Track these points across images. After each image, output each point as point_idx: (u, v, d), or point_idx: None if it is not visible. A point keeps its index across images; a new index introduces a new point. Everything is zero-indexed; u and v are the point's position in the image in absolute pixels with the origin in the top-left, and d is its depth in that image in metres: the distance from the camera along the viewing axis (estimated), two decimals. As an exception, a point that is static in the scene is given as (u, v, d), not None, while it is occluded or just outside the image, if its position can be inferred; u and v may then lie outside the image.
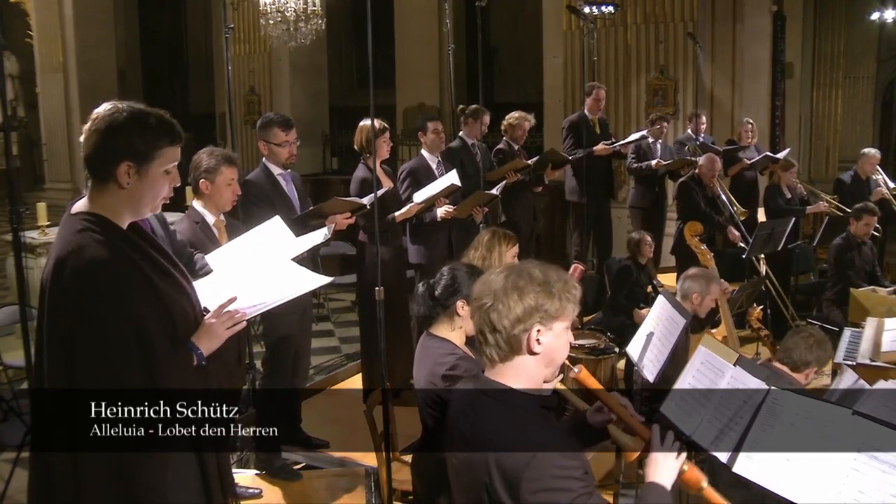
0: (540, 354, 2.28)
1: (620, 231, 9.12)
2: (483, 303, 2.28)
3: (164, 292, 2.49)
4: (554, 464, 2.13)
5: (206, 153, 4.45)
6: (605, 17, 10.14)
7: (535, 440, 2.17)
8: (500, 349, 2.28)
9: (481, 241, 4.47)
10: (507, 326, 2.25)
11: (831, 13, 13.77)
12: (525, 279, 2.26)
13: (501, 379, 2.31)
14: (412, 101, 13.28)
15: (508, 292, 2.24)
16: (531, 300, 2.24)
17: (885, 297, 6.83)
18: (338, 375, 6.98)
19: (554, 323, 2.27)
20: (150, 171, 2.48)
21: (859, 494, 2.73)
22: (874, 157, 8.95)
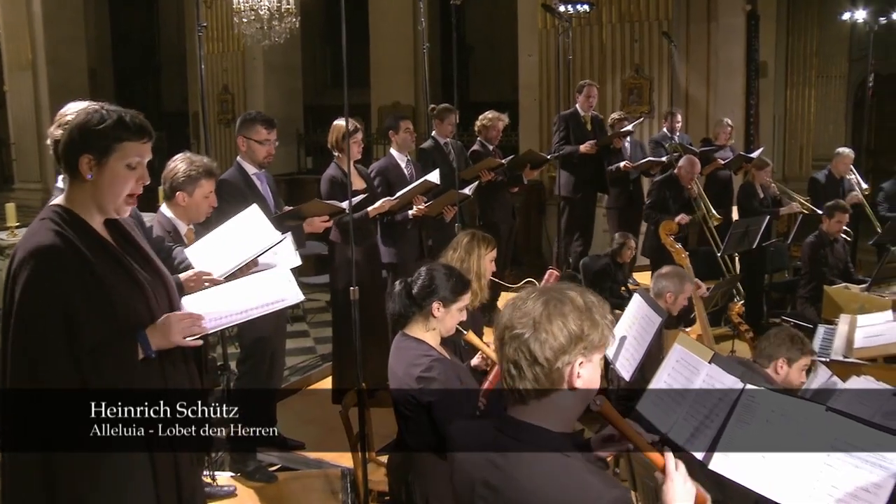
0: (579, 389, 2.01)
1: (596, 231, 9.11)
2: (519, 332, 1.99)
3: (110, 286, 2.50)
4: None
5: (183, 162, 4.27)
6: (581, 15, 10.12)
7: (589, 490, 1.94)
8: (539, 384, 1.99)
9: (460, 243, 4.43)
10: (550, 358, 1.97)
11: (804, 13, 13.87)
12: (568, 304, 2.01)
13: (533, 419, 2.04)
14: (387, 100, 13.21)
15: (552, 318, 1.98)
16: (576, 327, 1.98)
17: (858, 294, 6.87)
18: (312, 376, 6.92)
19: (595, 354, 2.03)
20: (110, 163, 2.53)
21: (833, 489, 2.75)
22: (848, 157, 8.99)
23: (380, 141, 10.00)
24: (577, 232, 8.54)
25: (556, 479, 1.96)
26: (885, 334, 5.42)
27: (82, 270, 2.46)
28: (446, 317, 3.50)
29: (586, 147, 8.16)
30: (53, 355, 2.40)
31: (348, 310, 4.50)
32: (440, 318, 3.48)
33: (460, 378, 3.44)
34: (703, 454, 3.13)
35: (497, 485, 2.04)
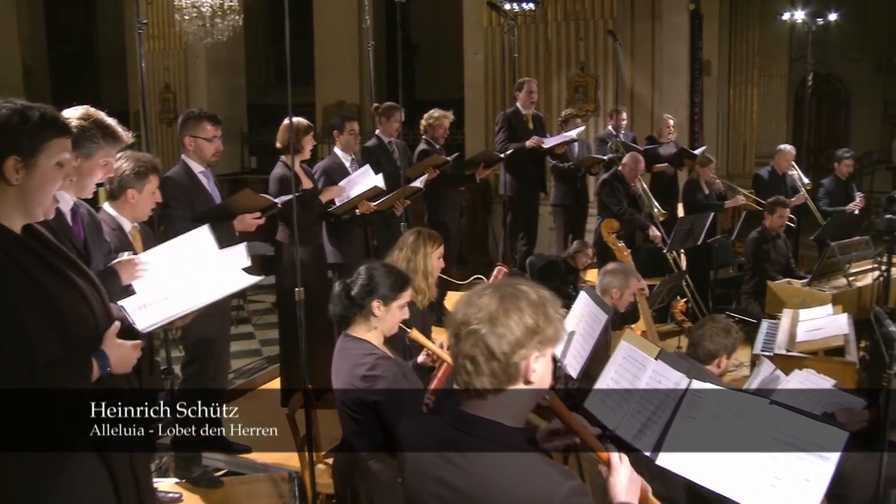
0: (534, 384, 2.01)
1: (542, 228, 9.12)
2: (476, 328, 1.98)
3: (53, 293, 2.39)
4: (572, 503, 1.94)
5: (129, 160, 4.17)
6: (526, 13, 10.16)
7: (547, 482, 1.95)
8: (496, 379, 1.98)
9: (406, 242, 4.41)
10: (507, 352, 1.96)
11: (745, 12, 14.07)
12: (522, 299, 2.00)
13: (487, 414, 2.03)
14: (332, 99, 13.12)
15: (509, 313, 1.97)
16: (531, 321, 1.98)
17: (800, 288, 6.96)
18: (258, 378, 6.83)
19: (548, 349, 2.03)
20: (39, 163, 2.39)
21: (776, 481, 2.81)
22: (790, 154, 9.14)
23: (324, 140, 9.90)
24: (522, 231, 8.55)
25: (516, 473, 1.95)
26: (825, 328, 5.50)
27: (23, 282, 2.33)
28: (387, 315, 3.48)
29: (532, 142, 8.16)
30: (9, 366, 2.28)
31: (295, 311, 4.44)
32: (381, 316, 3.46)
33: (406, 375, 3.42)
34: (651, 450, 3.16)
35: (455, 482, 2.02)
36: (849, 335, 5.39)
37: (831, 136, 17.01)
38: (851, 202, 9.01)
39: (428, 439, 2.13)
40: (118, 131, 3.20)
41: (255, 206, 5.13)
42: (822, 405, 4.03)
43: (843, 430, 2.84)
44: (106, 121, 3.16)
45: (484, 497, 1.97)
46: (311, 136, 5.91)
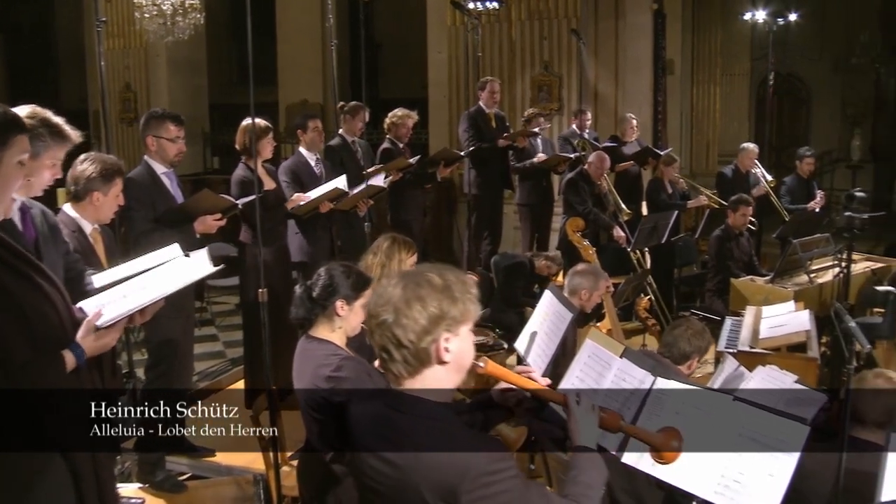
0: (450, 363, 2.14)
1: (507, 227, 9.12)
2: (384, 319, 2.10)
3: (19, 295, 2.36)
4: (489, 471, 2.03)
5: (94, 162, 4.15)
6: (490, 12, 10.15)
7: (465, 451, 2.05)
8: (409, 364, 2.11)
9: (380, 248, 4.40)
10: (413, 340, 2.09)
11: (707, 12, 14.19)
12: (425, 286, 2.11)
13: (414, 392, 2.16)
14: (295, 98, 13.04)
15: (410, 303, 2.09)
16: (435, 308, 2.09)
17: (763, 285, 7.02)
18: (222, 381, 6.77)
19: (460, 327, 2.13)
20: (4, 161, 2.38)
21: (740, 475, 2.84)
22: (753, 152, 9.23)
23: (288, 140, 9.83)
24: (486, 231, 8.54)
25: (436, 444, 2.06)
26: (788, 324, 5.55)
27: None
28: (350, 315, 3.46)
29: (503, 142, 8.17)
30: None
31: (258, 311, 4.40)
32: (345, 316, 3.45)
33: (370, 375, 3.38)
34: (617, 447, 3.12)
35: (384, 454, 2.13)
36: (810, 331, 5.44)
37: (792, 134, 17.20)
38: (813, 200, 9.12)
39: (366, 417, 2.24)
40: (66, 130, 3.13)
41: (215, 207, 5.07)
42: (785, 401, 4.07)
43: (805, 425, 2.87)
44: (53, 120, 3.09)
45: (410, 467, 2.07)
46: (270, 137, 5.84)
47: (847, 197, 5.92)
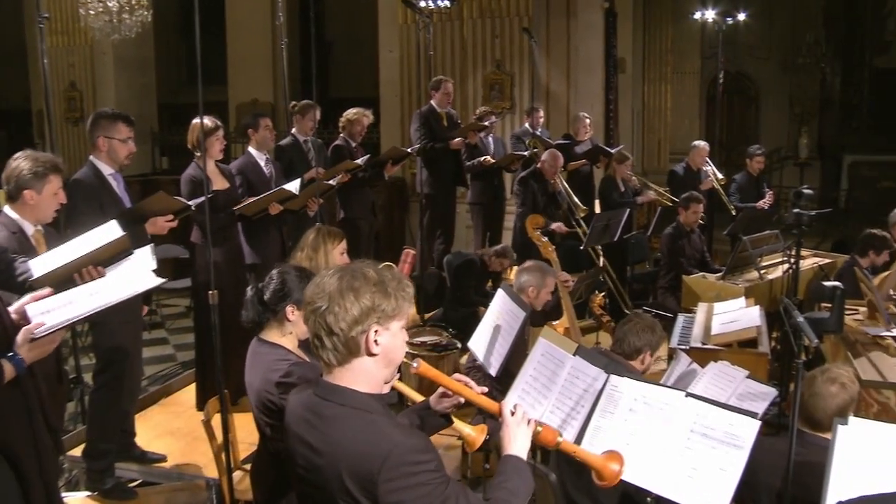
0: (379, 355, 2.22)
1: (460, 226, 9.11)
2: (318, 306, 2.19)
3: None
4: (408, 461, 2.09)
5: (26, 160, 4.04)
6: (442, 11, 10.13)
7: (386, 440, 2.11)
8: (338, 352, 2.20)
9: (306, 242, 4.40)
10: (344, 329, 2.17)
11: (658, 11, 14.30)
12: (360, 279, 2.19)
13: (343, 382, 2.24)
14: (245, 97, 12.89)
15: (344, 293, 2.17)
16: (367, 300, 2.17)
17: (714, 282, 7.08)
18: (173, 385, 6.66)
19: (391, 323, 2.22)
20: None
21: (692, 471, 2.88)
22: (703, 150, 9.33)
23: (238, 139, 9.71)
24: (439, 230, 8.54)
25: (361, 432, 2.14)
26: (739, 320, 5.59)
27: None
28: (301, 319, 3.39)
29: (456, 143, 8.16)
30: None
31: (210, 313, 4.33)
32: (295, 321, 3.39)
33: None
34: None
35: (311, 441, 2.22)
36: (761, 327, 5.50)
37: (742, 132, 17.44)
38: (762, 198, 9.23)
39: (298, 406, 2.32)
40: None
41: (167, 208, 4.99)
42: (736, 396, 4.10)
43: (756, 419, 2.91)
44: None
45: (332, 453, 2.16)
46: (220, 136, 5.77)
47: (795, 194, 5.96)
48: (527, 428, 2.38)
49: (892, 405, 4.63)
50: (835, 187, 16.35)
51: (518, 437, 2.35)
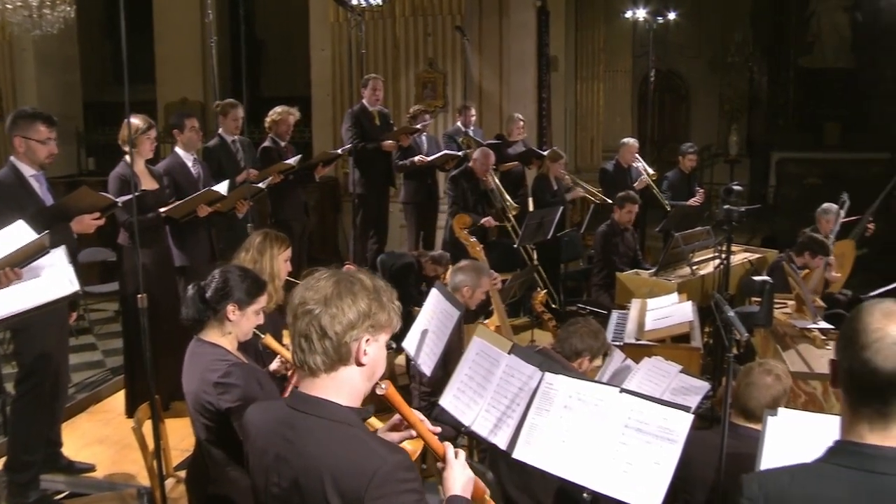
0: (366, 366, 2.16)
1: (393, 226, 9.06)
2: (311, 308, 2.11)
3: None
4: (395, 478, 2.02)
5: None
6: (373, 9, 10.05)
7: (373, 456, 2.04)
8: (328, 357, 2.11)
9: (252, 244, 4.35)
10: (339, 332, 2.10)
11: (590, 10, 14.42)
12: (357, 284, 2.14)
13: (322, 394, 2.15)
14: (174, 97, 12.61)
15: (342, 296, 2.11)
16: (364, 306, 2.12)
17: (647, 278, 7.15)
18: (101, 392, 6.54)
19: (380, 334, 2.18)
20: None
21: (628, 466, 2.91)
22: (633, 147, 9.42)
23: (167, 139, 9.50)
24: (372, 230, 8.49)
25: (343, 447, 2.06)
26: (672, 316, 5.66)
27: None
28: (242, 320, 3.41)
29: (389, 145, 8.11)
30: None
31: (139, 317, 4.23)
32: (236, 321, 3.38)
33: (260, 382, 3.33)
34: (507, 444, 3.18)
35: (289, 457, 2.13)
36: (693, 322, 5.57)
37: (673, 130, 17.71)
38: (693, 195, 9.35)
39: (269, 421, 2.23)
40: None
41: (93, 205, 4.86)
42: (670, 390, 4.14)
43: (688, 413, 2.94)
44: None
45: (311, 469, 2.07)
46: (152, 136, 5.68)
47: (725, 191, 6.05)
48: (470, 473, 2.32)
49: (818, 395, 4.73)
50: (763, 184, 16.68)
51: (461, 479, 2.28)
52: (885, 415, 1.76)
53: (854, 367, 1.76)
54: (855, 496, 1.75)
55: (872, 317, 1.76)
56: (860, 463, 1.76)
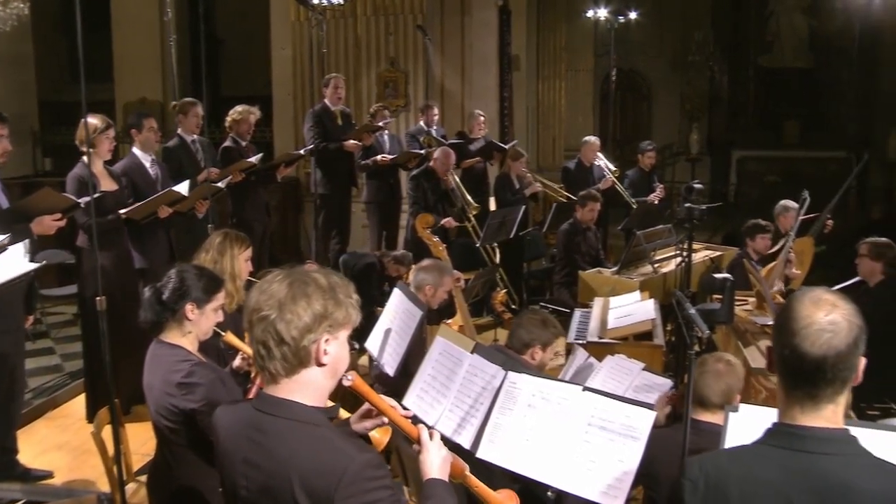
0: (327, 366, 2.13)
1: (356, 226, 9.03)
2: (267, 314, 2.08)
3: None
4: (364, 476, 2.01)
5: None
6: (335, 8, 9.99)
7: (341, 456, 2.03)
8: (288, 362, 2.09)
9: (212, 244, 4.32)
10: (296, 337, 2.07)
11: (552, 9, 14.46)
12: (311, 285, 2.11)
13: (287, 395, 2.13)
14: (133, 96, 12.42)
15: (296, 299, 2.08)
16: (320, 307, 2.09)
17: (609, 277, 7.18)
18: (60, 397, 6.47)
19: (340, 332, 2.15)
20: None
21: (591, 464, 2.94)
22: (594, 145, 9.46)
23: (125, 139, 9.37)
24: (334, 230, 8.46)
25: (311, 448, 2.05)
26: (634, 314, 5.68)
27: None
28: (201, 319, 3.39)
29: (351, 145, 8.06)
30: None
31: (98, 320, 4.17)
32: (195, 320, 3.36)
33: (223, 381, 3.32)
34: (471, 443, 3.20)
35: (256, 460, 2.11)
36: (656, 319, 5.60)
37: (635, 128, 17.79)
38: (654, 192, 9.40)
39: (236, 423, 2.21)
40: None
41: (54, 206, 4.80)
42: (633, 388, 4.15)
43: (651, 410, 2.99)
44: None
45: (280, 472, 2.05)
46: (110, 136, 5.60)
47: (686, 189, 6.10)
48: (446, 453, 2.33)
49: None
50: (724, 182, 16.85)
51: (438, 461, 2.29)
52: (815, 397, 1.88)
53: (785, 352, 1.89)
54: (786, 475, 1.86)
55: (802, 304, 1.89)
56: (791, 443, 1.89)
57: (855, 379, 1.91)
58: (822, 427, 1.88)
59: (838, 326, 1.85)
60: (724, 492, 1.92)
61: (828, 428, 1.88)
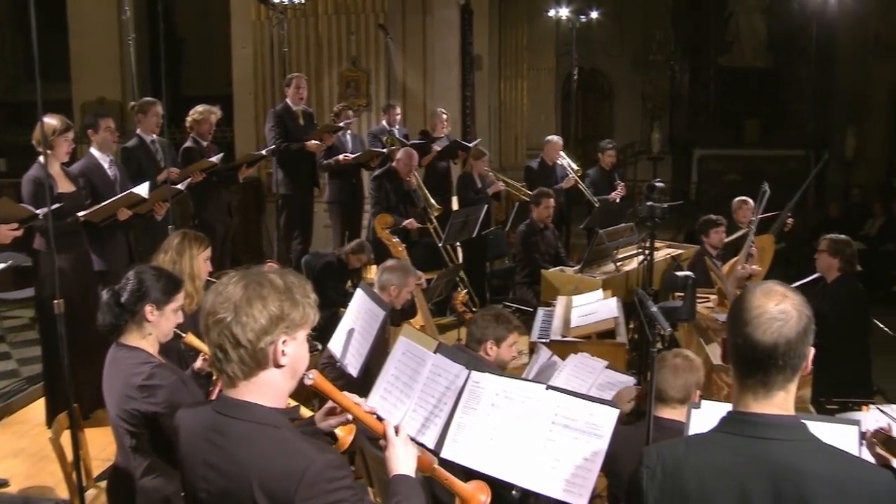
0: (286, 367, 2.11)
1: (318, 226, 8.99)
2: (222, 317, 2.06)
3: None
4: (325, 477, 1.99)
5: None
6: (296, 7, 9.94)
7: (301, 457, 2.01)
8: (245, 365, 2.08)
9: (171, 245, 4.31)
10: (252, 340, 2.05)
11: (513, 9, 14.49)
12: (267, 287, 2.09)
13: (246, 397, 2.11)
14: (91, 96, 12.24)
15: (252, 301, 2.06)
16: (276, 308, 2.07)
17: (572, 275, 7.20)
18: (16, 402, 6.36)
19: (298, 332, 2.12)
20: None
21: (555, 462, 2.95)
22: (557, 144, 9.49)
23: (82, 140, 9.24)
24: (297, 230, 8.40)
25: (271, 449, 2.03)
26: (597, 312, 5.70)
27: None
28: (161, 320, 3.36)
29: (313, 145, 8.02)
30: None
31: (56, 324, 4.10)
32: (155, 321, 3.34)
33: (184, 382, 3.29)
34: (435, 443, 3.21)
35: (216, 462, 2.09)
36: (618, 318, 5.62)
37: (597, 127, 17.93)
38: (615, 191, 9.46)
39: (196, 426, 2.18)
40: None
41: (11, 216, 4.70)
42: (596, 386, 4.16)
43: (614, 408, 3.01)
44: None
45: (240, 474, 2.03)
46: (69, 137, 5.51)
47: (648, 187, 6.12)
48: (411, 446, 2.33)
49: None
50: (686, 181, 17.01)
51: (404, 457, 2.29)
52: (767, 384, 1.95)
53: (738, 342, 1.96)
54: (739, 460, 1.92)
55: (754, 296, 1.97)
56: (744, 430, 1.95)
57: (804, 368, 1.97)
58: (773, 414, 1.95)
59: (788, 315, 1.92)
60: (681, 478, 1.97)
61: (779, 415, 1.95)
